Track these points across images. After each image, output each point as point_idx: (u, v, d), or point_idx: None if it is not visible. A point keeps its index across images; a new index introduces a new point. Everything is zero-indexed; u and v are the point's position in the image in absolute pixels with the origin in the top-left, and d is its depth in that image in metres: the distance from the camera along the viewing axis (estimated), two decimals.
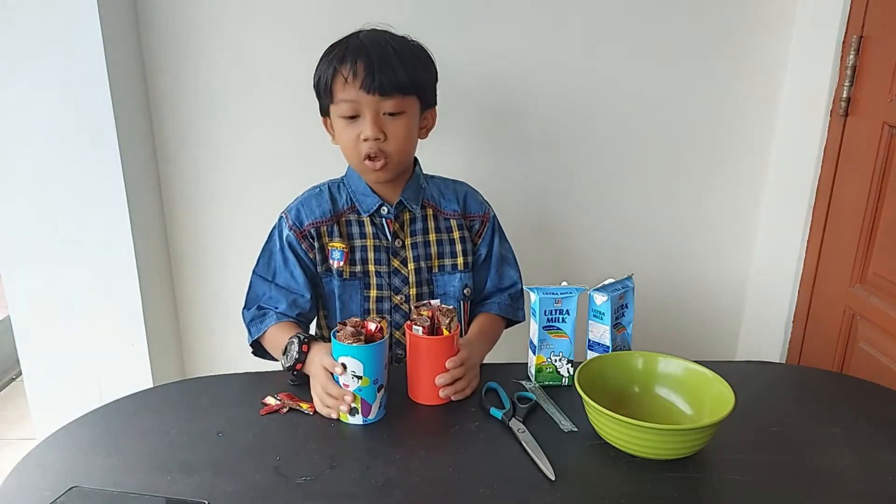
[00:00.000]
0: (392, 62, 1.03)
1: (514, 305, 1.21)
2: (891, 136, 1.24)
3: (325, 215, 1.12)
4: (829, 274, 1.41)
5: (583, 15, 1.44)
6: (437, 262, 1.16)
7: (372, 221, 1.13)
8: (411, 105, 1.07)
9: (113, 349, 1.48)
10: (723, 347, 1.73)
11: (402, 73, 1.03)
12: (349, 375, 0.90)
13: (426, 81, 1.10)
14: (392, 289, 1.14)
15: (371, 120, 1.04)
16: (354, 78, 1.03)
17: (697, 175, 1.58)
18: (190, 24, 1.40)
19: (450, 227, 1.17)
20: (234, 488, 0.78)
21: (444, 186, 1.19)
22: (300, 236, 1.12)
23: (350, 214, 1.14)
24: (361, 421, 0.92)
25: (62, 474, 0.80)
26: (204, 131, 1.47)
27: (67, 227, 1.40)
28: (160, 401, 0.98)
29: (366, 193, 1.13)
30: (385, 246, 1.14)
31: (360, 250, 1.13)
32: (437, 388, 0.96)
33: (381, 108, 1.04)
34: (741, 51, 1.48)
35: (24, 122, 1.33)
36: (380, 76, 1.02)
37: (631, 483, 0.80)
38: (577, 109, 1.51)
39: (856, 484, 0.81)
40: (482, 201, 1.22)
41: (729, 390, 0.86)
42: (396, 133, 1.05)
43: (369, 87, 1.02)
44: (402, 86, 1.03)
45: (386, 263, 1.14)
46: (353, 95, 1.03)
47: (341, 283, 1.12)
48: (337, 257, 1.12)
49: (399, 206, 1.13)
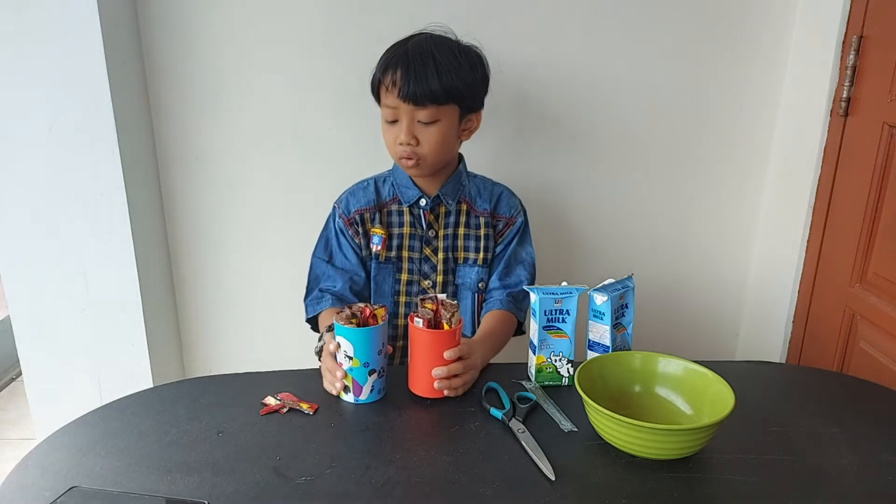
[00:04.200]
0: (429, 73, 1.09)
1: (515, 303, 1.23)
2: (891, 136, 1.24)
3: (370, 204, 1.23)
4: (829, 274, 1.41)
5: (583, 14, 1.44)
6: (462, 254, 1.25)
7: (410, 212, 1.23)
8: (448, 113, 1.14)
9: (113, 349, 1.48)
10: (723, 347, 1.73)
11: (437, 83, 1.09)
12: (342, 355, 0.96)
13: (468, 88, 1.14)
14: (421, 274, 1.24)
15: (406, 127, 1.12)
16: (394, 86, 1.11)
17: (697, 175, 1.58)
18: (190, 24, 1.40)
19: (478, 224, 1.25)
20: (234, 488, 0.78)
21: (483, 187, 1.27)
22: (347, 223, 1.22)
23: (392, 204, 1.23)
24: (353, 400, 0.98)
25: (62, 474, 0.80)
26: (204, 131, 1.47)
27: (67, 227, 1.40)
28: (160, 401, 0.98)
29: (408, 186, 1.22)
30: (420, 235, 1.23)
31: (397, 237, 1.23)
32: (433, 381, 0.97)
33: (416, 116, 1.12)
34: (741, 51, 1.48)
35: (24, 122, 1.33)
36: (415, 86, 1.09)
37: (631, 483, 0.80)
38: (576, 110, 1.51)
39: (856, 484, 0.81)
40: (514, 205, 1.28)
41: (729, 390, 0.86)
42: (429, 139, 1.13)
43: (405, 96, 1.10)
44: (436, 96, 1.10)
45: (419, 251, 1.24)
46: (392, 102, 1.12)
47: (377, 266, 1.23)
48: (376, 242, 1.22)
49: (436, 200, 1.22)
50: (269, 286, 1.59)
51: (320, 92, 1.46)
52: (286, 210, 1.54)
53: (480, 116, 1.22)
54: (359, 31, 1.42)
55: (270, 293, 1.59)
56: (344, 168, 1.40)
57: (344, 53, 1.43)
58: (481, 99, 1.21)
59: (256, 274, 1.58)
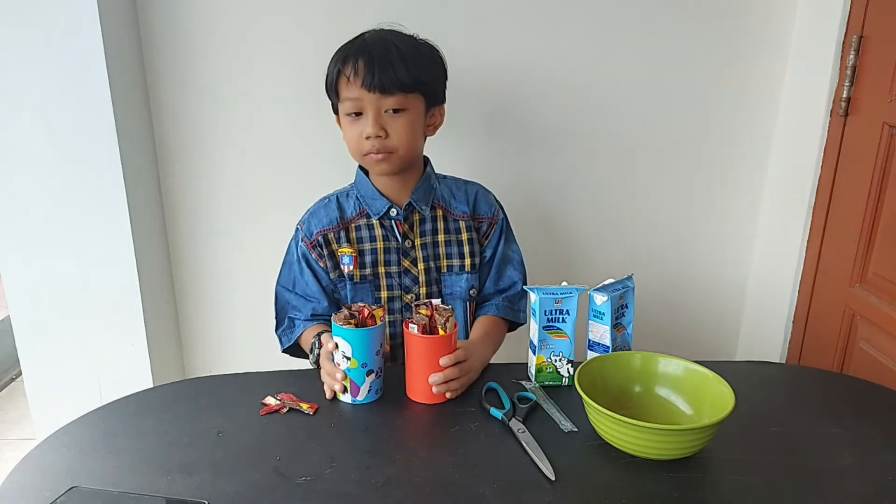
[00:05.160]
0: (393, 60, 1.04)
1: (512, 307, 1.21)
2: (891, 136, 1.24)
3: (333, 223, 1.15)
4: (829, 274, 1.41)
5: (584, 15, 1.44)
6: (445, 262, 1.18)
7: (381, 224, 1.15)
8: (415, 103, 1.08)
9: (113, 349, 1.48)
10: (723, 347, 1.73)
11: (404, 71, 1.04)
12: (340, 355, 0.96)
13: (431, 79, 1.11)
14: (403, 288, 1.16)
15: (372, 118, 1.06)
16: (356, 77, 1.05)
17: (697, 175, 1.58)
18: (190, 24, 1.40)
19: (458, 228, 1.18)
20: (234, 488, 0.78)
21: (455, 187, 1.21)
22: (310, 246, 1.15)
23: (359, 220, 1.16)
24: (350, 400, 0.97)
25: (62, 474, 0.80)
26: (204, 131, 1.47)
27: (67, 227, 1.40)
28: (160, 401, 0.98)
29: (374, 197, 1.14)
30: (395, 247, 1.16)
31: (369, 253, 1.15)
32: (430, 386, 0.96)
33: (383, 105, 1.06)
34: (741, 51, 1.48)
35: (24, 122, 1.33)
36: (380, 74, 1.04)
37: (631, 483, 0.80)
38: (576, 109, 1.51)
39: (856, 484, 0.81)
40: (493, 203, 1.23)
41: (729, 390, 0.86)
42: (398, 130, 1.07)
43: (370, 86, 1.04)
44: (403, 84, 1.05)
45: (396, 264, 1.16)
46: (356, 94, 1.06)
47: (353, 287, 1.15)
48: (346, 262, 1.14)
49: (408, 208, 1.15)
50: (269, 286, 1.58)
51: (321, 92, 1.45)
52: (286, 210, 1.53)
53: (444, 111, 1.17)
54: (359, 32, 1.42)
55: (270, 293, 1.58)
56: (345, 168, 1.39)
57: None
58: (443, 92, 1.16)
59: (256, 274, 1.57)
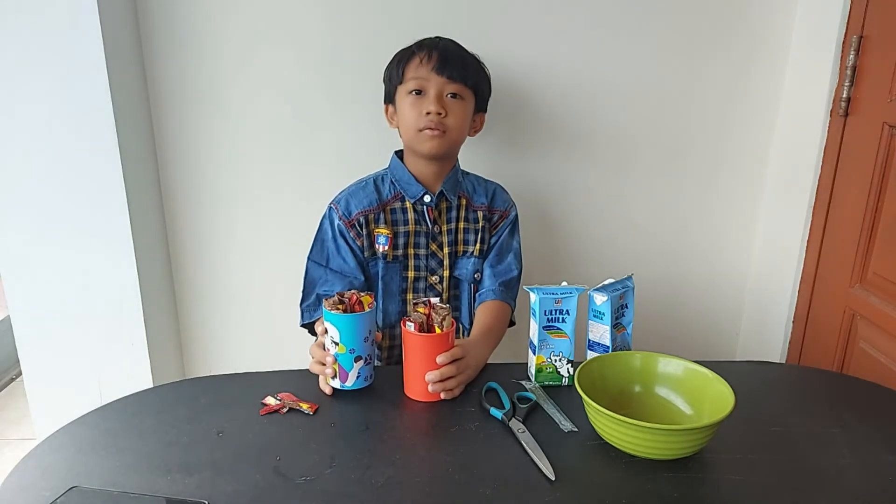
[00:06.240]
0: (464, 57, 1.21)
1: (508, 292, 1.26)
2: (891, 136, 1.24)
3: (372, 204, 1.23)
4: (829, 274, 1.41)
5: (584, 14, 1.44)
6: (461, 247, 1.28)
7: (414, 209, 1.24)
8: (469, 97, 1.22)
9: (113, 349, 1.48)
10: (723, 347, 1.73)
11: (468, 69, 1.20)
12: (329, 340, 0.98)
13: (483, 87, 1.26)
14: (428, 270, 1.26)
15: (435, 96, 1.17)
16: (429, 61, 1.18)
17: (697, 175, 1.58)
18: (190, 25, 1.40)
19: (476, 217, 1.28)
20: (234, 488, 0.78)
21: (477, 183, 1.32)
22: (349, 225, 1.22)
23: (395, 202, 1.24)
24: (339, 385, 0.99)
25: (62, 474, 0.80)
26: (204, 131, 1.47)
27: (67, 227, 1.40)
28: (160, 401, 0.98)
29: (410, 182, 1.24)
30: (425, 231, 1.25)
31: (402, 235, 1.24)
32: (426, 385, 0.97)
33: (445, 89, 1.18)
34: (741, 51, 1.48)
35: (24, 122, 1.33)
36: (450, 64, 1.17)
37: (631, 483, 0.80)
38: (576, 110, 1.51)
39: (856, 484, 0.81)
40: (508, 200, 1.33)
41: (729, 390, 0.86)
42: (455, 112, 1.18)
43: (440, 69, 1.17)
44: (465, 77, 1.19)
45: (425, 247, 1.25)
46: (425, 74, 1.18)
47: (385, 266, 1.23)
48: (382, 242, 1.22)
49: (440, 196, 1.25)
50: (269, 286, 1.59)
51: (321, 92, 1.46)
52: (286, 210, 1.54)
53: (484, 119, 1.30)
54: (359, 31, 1.42)
55: (270, 293, 1.59)
56: (344, 168, 1.40)
57: (344, 53, 1.43)
58: (487, 102, 1.29)
59: (256, 274, 1.58)
